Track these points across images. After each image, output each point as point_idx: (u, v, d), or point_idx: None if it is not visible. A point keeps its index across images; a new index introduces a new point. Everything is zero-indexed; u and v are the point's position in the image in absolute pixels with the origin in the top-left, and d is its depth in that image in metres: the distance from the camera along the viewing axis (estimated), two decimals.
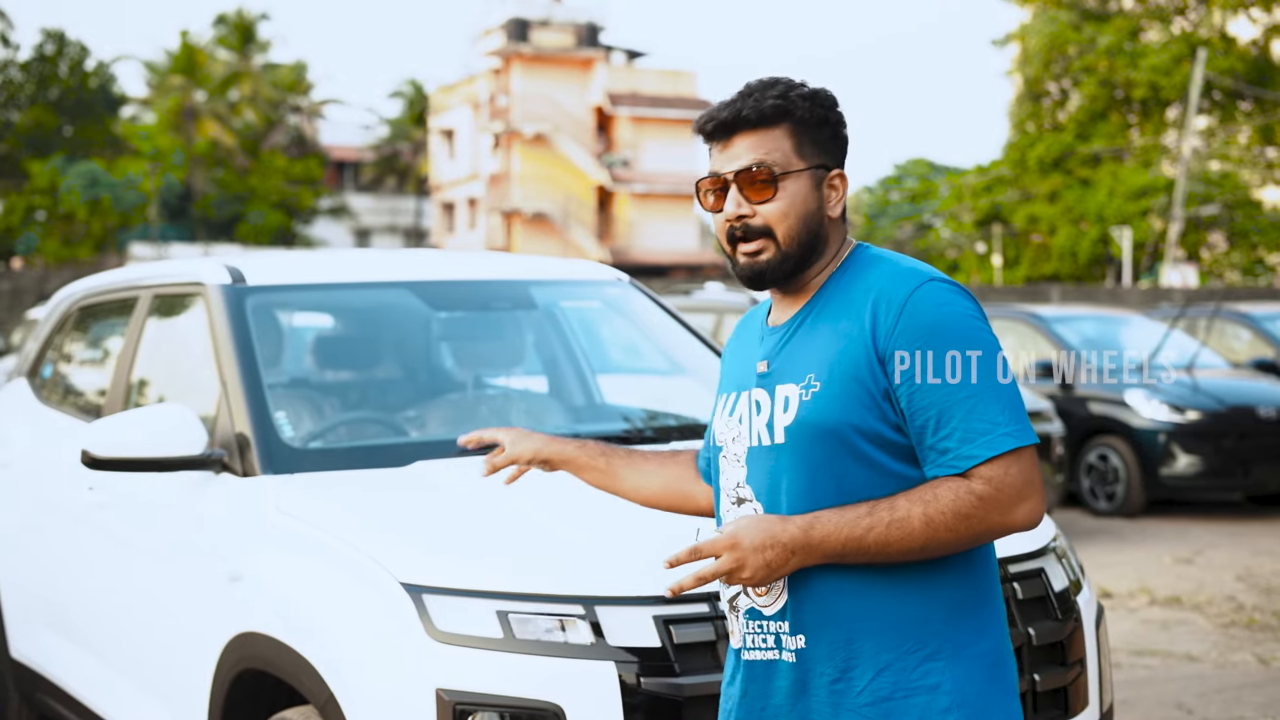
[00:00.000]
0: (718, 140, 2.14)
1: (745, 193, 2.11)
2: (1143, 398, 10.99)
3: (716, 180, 2.14)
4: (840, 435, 2.03)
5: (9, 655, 4.71)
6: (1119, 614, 7.40)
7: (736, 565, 2.00)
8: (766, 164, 2.09)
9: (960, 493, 1.99)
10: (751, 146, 2.10)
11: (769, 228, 2.10)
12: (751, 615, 2.13)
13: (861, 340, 2.04)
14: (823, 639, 2.07)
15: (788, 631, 2.09)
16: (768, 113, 2.10)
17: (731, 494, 2.17)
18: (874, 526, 1.99)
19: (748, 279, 2.14)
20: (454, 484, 3.39)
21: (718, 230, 2.16)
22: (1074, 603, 3.19)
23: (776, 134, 2.11)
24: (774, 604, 2.10)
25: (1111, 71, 38.78)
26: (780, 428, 2.08)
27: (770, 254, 2.11)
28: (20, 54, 48.08)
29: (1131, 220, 37.34)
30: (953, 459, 2.01)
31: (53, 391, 5.04)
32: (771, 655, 2.11)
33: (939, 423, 2.01)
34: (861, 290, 2.09)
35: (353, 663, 2.87)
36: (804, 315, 2.14)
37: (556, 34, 46.82)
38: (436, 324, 4.41)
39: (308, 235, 50.84)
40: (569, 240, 44.93)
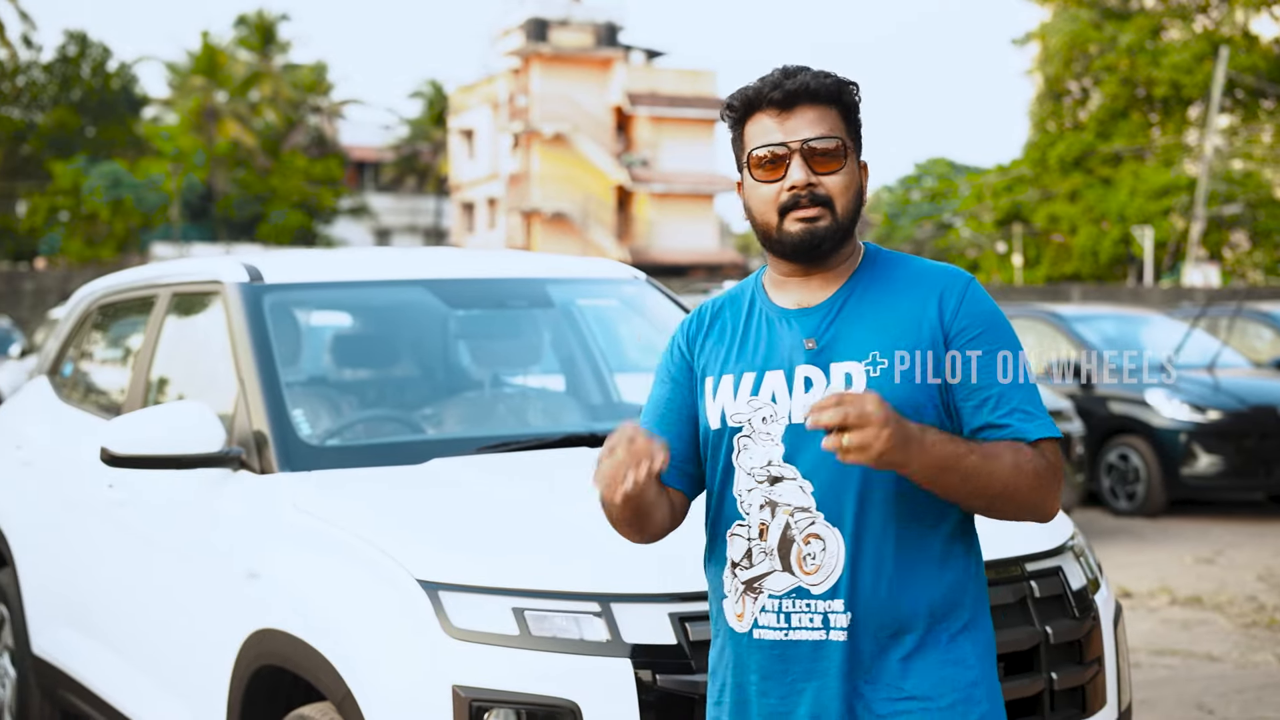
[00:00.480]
0: (775, 110, 2.13)
1: (811, 163, 2.12)
2: (1163, 397, 10.94)
3: (778, 148, 2.12)
4: (904, 411, 2.05)
5: (31, 651, 4.73)
6: (1140, 614, 7.37)
7: (878, 422, 1.91)
8: (837, 135, 2.13)
9: (1035, 456, 2.10)
10: (814, 120, 2.12)
11: (830, 199, 2.12)
12: (798, 594, 2.11)
13: (927, 321, 2.13)
14: (873, 617, 2.09)
15: (840, 610, 2.09)
16: (831, 90, 2.14)
17: (759, 473, 2.14)
18: (971, 452, 2.04)
19: (801, 245, 2.12)
20: (470, 481, 3.40)
21: (765, 202, 2.14)
22: (1092, 601, 3.18)
23: (832, 113, 2.15)
24: (824, 582, 2.10)
25: (1133, 70, 38.62)
26: None
27: (827, 222, 2.12)
28: (43, 55, 48.38)
29: (1153, 219, 37.18)
30: (1015, 432, 2.11)
31: (73, 389, 5.06)
32: (818, 635, 2.10)
33: (999, 401, 2.12)
34: (907, 277, 2.17)
35: (369, 659, 2.88)
36: (844, 296, 2.16)
37: (576, 34, 46.85)
38: (454, 322, 4.41)
39: (328, 235, 51.00)
40: (588, 240, 44.95)
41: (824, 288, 2.18)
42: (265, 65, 50.42)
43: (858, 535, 2.10)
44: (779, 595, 2.12)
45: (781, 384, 2.15)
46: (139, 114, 51.03)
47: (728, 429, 2.18)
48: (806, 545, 2.11)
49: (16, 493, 4.95)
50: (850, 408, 1.91)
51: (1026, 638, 2.94)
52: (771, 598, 2.13)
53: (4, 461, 5.17)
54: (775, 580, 2.13)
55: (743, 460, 2.17)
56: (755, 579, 2.14)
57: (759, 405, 2.16)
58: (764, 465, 2.14)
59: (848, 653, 2.10)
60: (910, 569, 2.12)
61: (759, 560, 2.14)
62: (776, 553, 2.12)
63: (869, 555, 2.10)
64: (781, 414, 2.14)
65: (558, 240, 44.82)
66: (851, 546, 2.10)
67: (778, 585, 2.12)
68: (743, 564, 2.15)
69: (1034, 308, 12.57)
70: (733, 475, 2.18)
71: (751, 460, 2.16)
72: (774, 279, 2.23)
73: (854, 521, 2.10)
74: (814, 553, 2.10)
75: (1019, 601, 3.00)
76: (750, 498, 2.15)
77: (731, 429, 2.18)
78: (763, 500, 2.14)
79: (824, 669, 2.10)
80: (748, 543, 2.15)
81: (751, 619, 2.14)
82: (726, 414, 2.19)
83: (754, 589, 2.14)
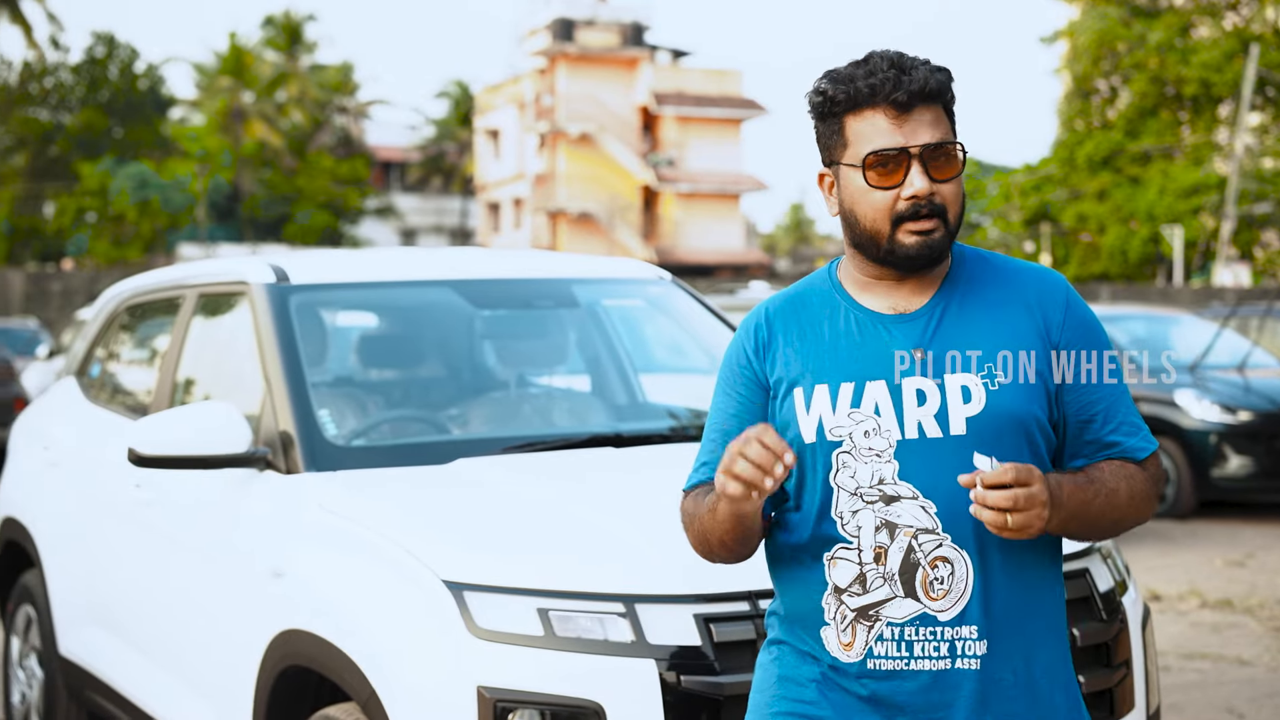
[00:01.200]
0: (895, 111, 1.98)
1: (930, 169, 1.99)
2: (1193, 398, 10.86)
3: (898, 155, 1.98)
4: (1025, 426, 2.00)
5: (58, 652, 4.76)
6: (1169, 617, 7.32)
7: (1042, 503, 1.87)
8: (955, 140, 2.01)
9: (1143, 477, 2.08)
10: (932, 122, 1.99)
11: (945, 208, 2.00)
12: (922, 621, 1.98)
13: (1035, 332, 2.04)
14: (1004, 643, 2.00)
15: (974, 637, 1.98)
16: (944, 88, 2.01)
17: (869, 492, 2.00)
18: (1096, 495, 2.00)
19: (917, 259, 1.99)
20: (496, 482, 3.40)
21: (878, 209, 1.99)
22: (1119, 603, 3.15)
23: (942, 112, 2.02)
24: (952, 608, 1.98)
25: (1162, 68, 38.38)
26: (960, 418, 1.99)
27: (941, 234, 1.99)
28: (71, 57, 48.73)
29: (1183, 219, 36.95)
30: (1126, 450, 2.08)
31: (100, 390, 5.09)
32: (943, 665, 1.99)
33: (1107, 416, 2.07)
34: (1002, 280, 2.07)
35: (394, 660, 2.88)
36: (943, 302, 2.05)
37: (602, 33, 46.87)
38: (479, 322, 4.42)
39: (354, 235, 51.19)
40: (614, 240, 44.97)
41: (919, 292, 2.05)
42: (292, 66, 50.64)
43: (984, 556, 1.99)
44: (899, 623, 1.99)
45: (885, 396, 2.01)
46: (166, 115, 51.34)
47: (826, 444, 2.02)
48: (934, 569, 1.98)
49: (44, 494, 4.98)
50: (1021, 491, 1.86)
51: None
52: (891, 625, 1.99)
53: (32, 462, 5.20)
54: (896, 607, 1.99)
55: (843, 479, 2.01)
56: (870, 606, 2.00)
57: (861, 419, 2.01)
58: (874, 484, 2.00)
59: (980, 681, 1.99)
60: (1037, 591, 2.05)
61: (875, 586, 2.00)
62: (899, 578, 1.99)
63: (998, 577, 2.00)
64: (888, 428, 2.00)
65: (583, 240, 44.85)
66: (980, 569, 1.99)
67: (899, 612, 1.99)
68: (852, 590, 2.01)
69: None
70: (831, 495, 2.02)
71: (856, 479, 2.01)
72: (857, 279, 2.08)
73: (978, 541, 1.99)
74: (942, 577, 1.98)
75: None
76: (859, 519, 2.01)
77: (831, 444, 2.02)
78: (878, 522, 1.99)
79: (950, 700, 1.99)
80: (859, 567, 2.00)
81: (864, 648, 2.00)
82: (825, 427, 2.02)
83: (869, 617, 2.00)
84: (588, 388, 4.51)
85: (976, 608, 1.99)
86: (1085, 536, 2.06)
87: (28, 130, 47.46)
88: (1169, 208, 37.06)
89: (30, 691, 5.05)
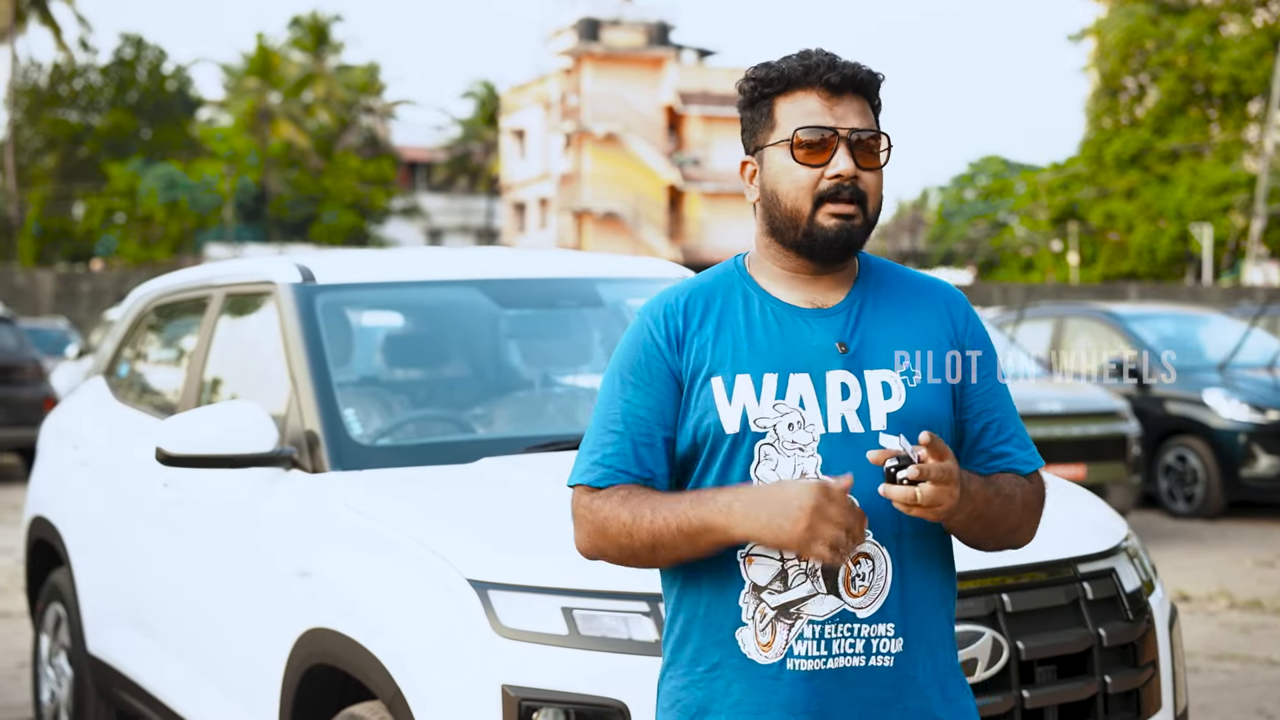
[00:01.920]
0: (827, 93, 1.99)
1: (856, 155, 1.99)
2: (1222, 397, 10.79)
3: (825, 132, 1.98)
4: (941, 424, 2.01)
5: (86, 650, 4.79)
6: (1198, 618, 7.27)
7: (954, 480, 1.86)
8: (883, 131, 2.02)
9: (1031, 490, 2.09)
10: (860, 112, 2.01)
11: (865, 195, 2.00)
12: (841, 619, 1.96)
13: (946, 335, 2.06)
14: (916, 641, 1.99)
15: (890, 634, 1.97)
16: (875, 84, 2.03)
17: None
18: (997, 496, 2.01)
19: (834, 243, 1.98)
20: (520, 481, 3.40)
21: (800, 186, 1.98)
22: (1146, 603, 3.14)
23: (868, 107, 2.04)
24: (871, 604, 1.97)
25: (1191, 66, 38.14)
26: (881, 413, 1.98)
27: (859, 222, 1.99)
28: (100, 58, 49.05)
29: (1212, 217, 36.71)
30: (1014, 463, 2.09)
31: (128, 390, 5.12)
32: (858, 661, 1.96)
33: (1001, 427, 2.09)
34: (908, 286, 2.09)
35: (419, 658, 2.89)
36: (858, 299, 2.04)
37: (627, 33, 46.89)
38: (504, 322, 4.42)
39: (380, 236, 51.37)
40: (640, 240, 44.97)
41: (834, 289, 2.04)
42: (318, 66, 50.84)
43: (900, 553, 1.99)
44: (820, 621, 1.96)
45: (809, 388, 1.97)
46: (194, 116, 51.64)
47: (750, 434, 1.97)
48: (855, 566, 1.96)
49: (73, 493, 5.01)
50: (935, 464, 1.85)
51: (1079, 640, 2.91)
52: (812, 624, 1.95)
53: (61, 461, 5.23)
54: (817, 604, 1.96)
55: (764, 472, 1.96)
56: (791, 604, 1.96)
57: (786, 410, 1.97)
58: (796, 478, 1.95)
59: (894, 680, 1.98)
60: (945, 589, 2.05)
61: (797, 583, 1.96)
62: (820, 574, 1.95)
63: (913, 575, 2.00)
64: (812, 420, 1.96)
65: (609, 240, 44.87)
66: (898, 565, 1.98)
67: (820, 610, 1.96)
68: (772, 587, 1.96)
69: (1090, 307, 12.44)
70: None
71: (778, 472, 1.96)
72: (772, 272, 2.05)
73: (895, 539, 1.98)
74: (863, 573, 1.96)
75: (1071, 603, 2.96)
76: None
77: (755, 434, 1.97)
78: None
79: (861, 696, 1.96)
80: (780, 564, 1.96)
81: (784, 648, 1.96)
82: (750, 417, 1.97)
83: (789, 615, 1.96)
84: None
85: (894, 605, 1.98)
86: (979, 541, 2.05)
87: (57, 132, 47.82)
88: (1198, 206, 36.83)
89: (60, 689, 5.08)
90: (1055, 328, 12.10)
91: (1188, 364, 11.38)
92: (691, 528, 1.92)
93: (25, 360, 14.41)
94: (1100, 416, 9.51)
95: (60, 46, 46.52)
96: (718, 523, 1.90)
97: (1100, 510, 3.42)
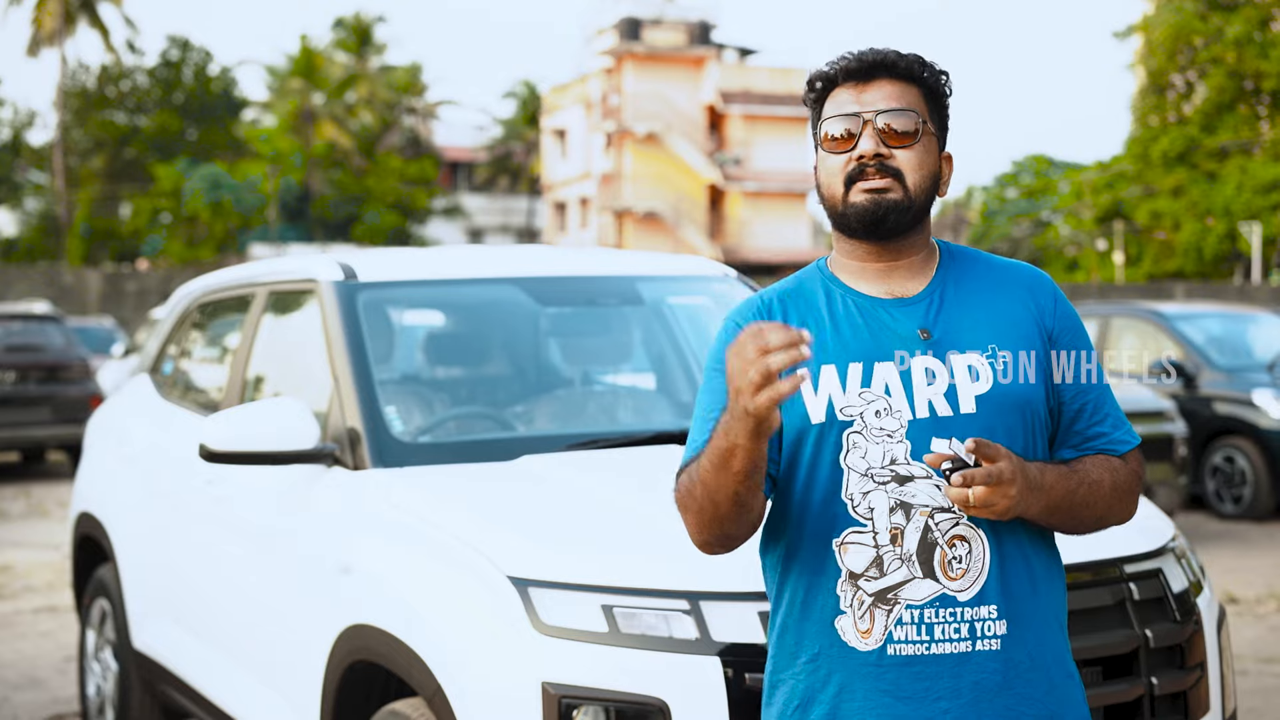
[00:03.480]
0: (853, 82, 2.04)
1: (884, 135, 2.01)
2: (1271, 397, 10.66)
3: (850, 119, 2.02)
4: (1031, 406, 2.02)
5: (131, 646, 4.83)
6: (1246, 620, 7.18)
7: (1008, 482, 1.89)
8: (914, 110, 2.03)
9: (1126, 471, 2.10)
10: (892, 95, 2.03)
11: (901, 172, 2.01)
12: (941, 603, 1.95)
13: (1032, 318, 2.07)
14: (1020, 624, 1.98)
15: (994, 617, 1.96)
16: (912, 66, 2.05)
17: (881, 473, 1.97)
18: (1080, 485, 2.02)
19: (866, 216, 2.00)
20: (560, 478, 3.40)
21: (832, 173, 2.04)
22: (1194, 604, 3.09)
23: (913, 91, 2.05)
24: (971, 587, 1.96)
25: (1240, 62, 37.70)
26: (970, 397, 1.99)
27: (897, 195, 2.01)
28: (147, 60, 49.54)
29: (1261, 215, 36.27)
30: (1109, 443, 2.10)
31: (173, 387, 5.16)
32: (964, 647, 1.95)
33: (1096, 408, 2.10)
34: (993, 273, 2.11)
35: (460, 655, 2.89)
36: (939, 287, 2.07)
37: (669, 32, 46.86)
38: (545, 320, 4.42)
39: (422, 235, 51.58)
40: (681, 239, 44.94)
41: (913, 279, 2.07)
42: (361, 67, 51.12)
43: (998, 535, 1.98)
44: (919, 605, 1.96)
45: (894, 376, 2.00)
46: (238, 117, 52.04)
47: (837, 423, 1.99)
48: (951, 549, 1.96)
49: (118, 489, 5.05)
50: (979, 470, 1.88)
51: (1125, 641, 2.87)
52: (910, 608, 1.96)
53: (107, 458, 5.28)
54: (915, 589, 1.96)
55: (853, 460, 1.98)
56: (889, 589, 1.96)
57: (872, 398, 1.99)
58: (886, 464, 1.97)
59: (1002, 664, 1.97)
60: (1048, 573, 2.06)
61: (893, 568, 1.96)
62: (916, 558, 1.96)
63: (1014, 555, 1.99)
64: (899, 407, 1.98)
65: (650, 239, 44.86)
66: (995, 547, 1.98)
67: (918, 594, 1.96)
68: (869, 574, 1.97)
69: (1136, 306, 12.31)
70: (841, 476, 1.99)
71: (867, 460, 1.98)
72: (849, 267, 2.09)
73: (990, 521, 1.98)
74: (960, 555, 1.96)
75: (1117, 604, 2.93)
76: (871, 500, 1.97)
77: (842, 423, 1.99)
78: (892, 503, 1.97)
79: (972, 684, 1.95)
80: (875, 550, 1.97)
81: (884, 634, 1.96)
82: (836, 407, 1.99)
83: (887, 600, 1.97)
84: (653, 385, 4.50)
85: (995, 587, 1.97)
86: (1069, 527, 2.07)
87: (105, 133, 48.34)
88: (1247, 204, 36.39)
89: (105, 684, 5.13)
90: (1101, 327, 11.98)
91: (1236, 364, 11.24)
92: (717, 457, 1.92)
93: (72, 359, 14.58)
94: (1146, 416, 9.41)
95: (108, 49, 47.02)
96: (721, 442, 1.90)
97: (1147, 510, 3.38)
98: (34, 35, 45.64)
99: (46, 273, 30.37)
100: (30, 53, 46.07)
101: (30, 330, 14.64)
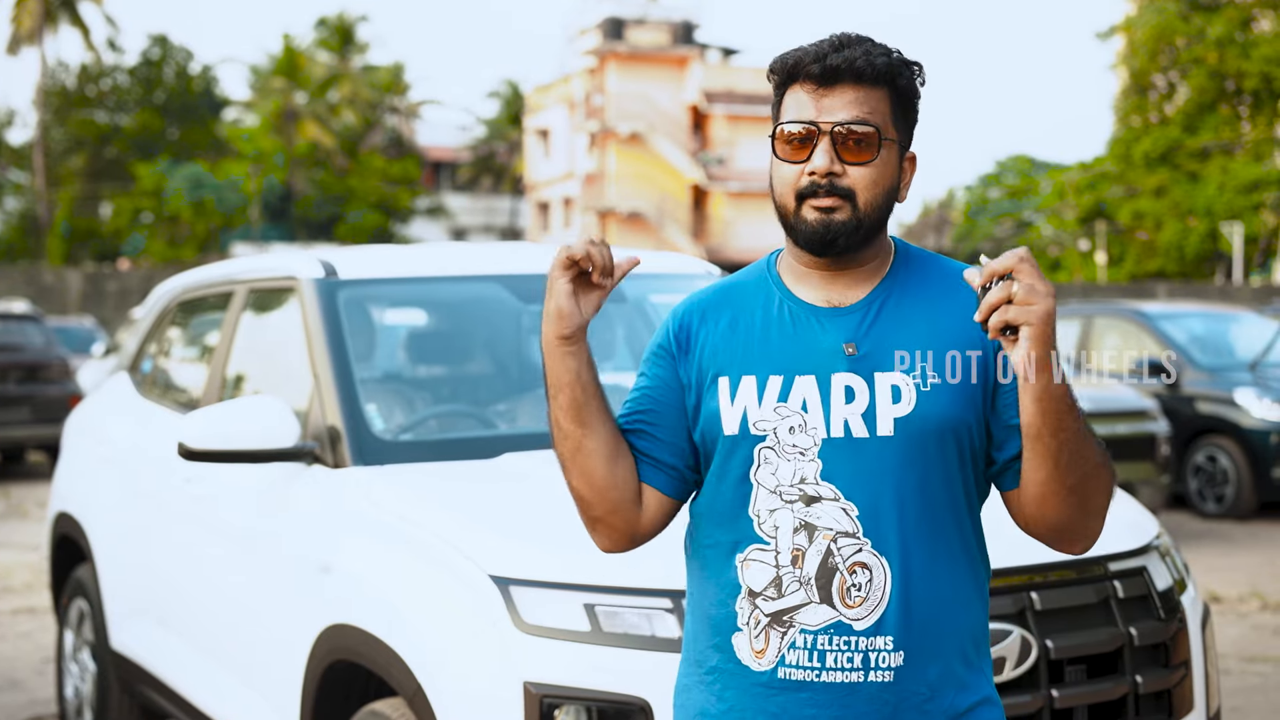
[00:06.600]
0: (815, 85, 1.90)
1: (840, 149, 1.89)
2: (1253, 396, 10.69)
3: (806, 129, 1.90)
4: (954, 429, 1.90)
5: (110, 646, 4.79)
6: (1229, 619, 7.19)
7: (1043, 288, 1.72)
8: (874, 125, 1.89)
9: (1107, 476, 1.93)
10: (854, 102, 1.89)
11: (852, 192, 1.89)
12: (836, 630, 1.87)
13: (978, 330, 1.89)
14: (921, 655, 1.89)
15: (889, 648, 1.87)
16: (879, 70, 1.90)
17: (789, 491, 1.89)
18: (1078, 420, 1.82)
19: (816, 238, 1.89)
20: (542, 476, 3.37)
21: (785, 183, 1.91)
22: (1178, 602, 3.09)
23: (878, 95, 1.91)
24: (868, 616, 1.87)
25: (1221, 62, 37.86)
26: (889, 419, 1.88)
27: (845, 216, 1.89)
28: (127, 59, 49.38)
29: (1242, 215, 36.44)
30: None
31: (152, 385, 5.12)
32: (854, 677, 1.87)
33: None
34: (943, 279, 1.96)
35: (440, 655, 2.87)
36: (881, 297, 1.94)
37: (652, 32, 46.87)
38: (527, 317, 4.40)
39: (405, 235, 51.49)
40: (664, 239, 44.94)
41: (856, 286, 1.95)
42: (344, 66, 51.00)
43: (905, 564, 1.88)
44: (813, 630, 1.88)
45: (814, 391, 1.90)
46: (220, 116, 51.90)
47: (749, 437, 1.92)
48: (851, 575, 1.87)
49: (97, 488, 5.01)
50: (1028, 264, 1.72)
51: (1110, 639, 2.87)
52: (804, 633, 1.88)
53: (85, 457, 5.24)
54: (810, 613, 1.88)
55: (763, 476, 1.91)
56: (785, 611, 1.89)
57: (787, 413, 1.90)
58: (795, 483, 1.89)
59: (891, 697, 1.88)
60: (956, 602, 1.92)
61: (791, 590, 1.89)
62: (814, 582, 1.87)
63: (919, 585, 1.88)
64: (815, 424, 1.89)
65: (634, 239, 44.84)
66: (900, 576, 1.88)
67: (813, 619, 1.88)
68: (767, 593, 1.90)
69: (1119, 305, 12.34)
70: (749, 492, 1.92)
71: (777, 477, 1.90)
72: (795, 269, 1.98)
73: (900, 548, 1.88)
74: (860, 584, 1.87)
75: (1102, 602, 2.92)
76: (776, 519, 1.90)
77: (754, 438, 1.91)
78: (796, 523, 1.88)
79: (860, 714, 1.88)
80: (775, 569, 1.89)
81: (776, 657, 1.89)
82: (749, 420, 1.92)
83: (782, 622, 1.89)
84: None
85: (894, 618, 1.88)
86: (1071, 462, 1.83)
87: (85, 132, 48.14)
88: (1228, 204, 36.56)
89: (83, 685, 5.08)
90: (1083, 327, 12.01)
91: (1218, 363, 11.28)
92: (549, 389, 1.99)
93: (52, 358, 14.51)
94: (1129, 416, 9.43)
95: (88, 47, 46.83)
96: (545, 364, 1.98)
97: (1131, 508, 3.37)
98: (14, 33, 45.44)
99: (26, 272, 30.23)
100: (10, 51, 45.87)
101: (10, 330, 14.56)
